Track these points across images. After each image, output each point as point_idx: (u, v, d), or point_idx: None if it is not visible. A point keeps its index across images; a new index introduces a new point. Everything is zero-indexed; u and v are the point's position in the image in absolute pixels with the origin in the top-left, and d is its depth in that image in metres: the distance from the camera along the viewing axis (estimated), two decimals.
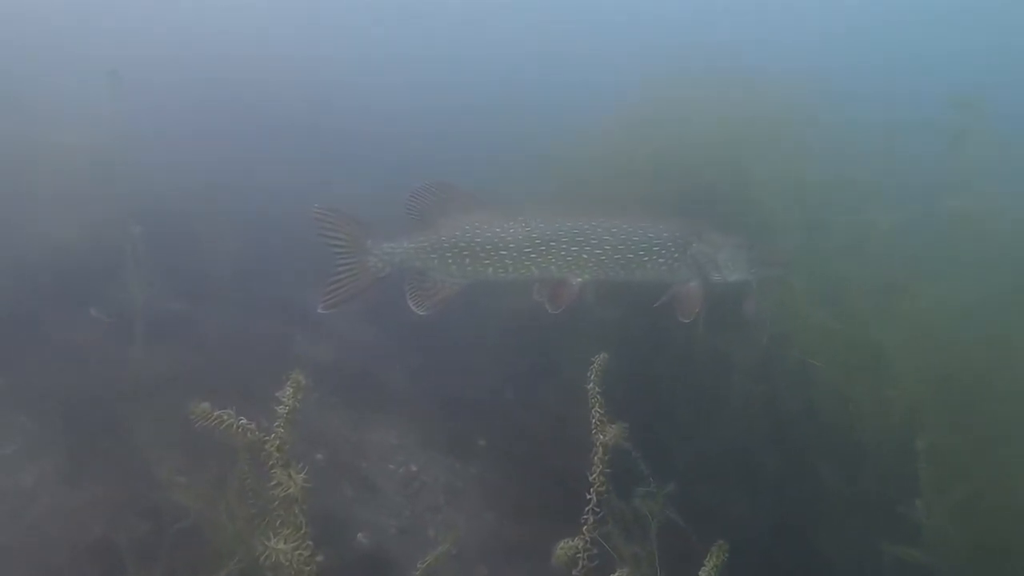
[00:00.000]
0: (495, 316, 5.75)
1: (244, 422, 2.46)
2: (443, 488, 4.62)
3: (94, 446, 4.18)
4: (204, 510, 3.20)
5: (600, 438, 2.44)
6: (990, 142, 4.59)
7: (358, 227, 3.95)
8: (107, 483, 3.92)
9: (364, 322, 6.40)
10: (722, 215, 4.64)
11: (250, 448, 2.60)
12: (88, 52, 10.11)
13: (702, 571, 2.32)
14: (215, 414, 2.43)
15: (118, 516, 3.68)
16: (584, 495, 2.35)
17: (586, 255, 3.97)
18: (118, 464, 4.03)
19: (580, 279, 4.03)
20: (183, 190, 7.69)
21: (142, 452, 4.02)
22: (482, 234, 3.96)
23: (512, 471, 4.79)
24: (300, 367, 2.49)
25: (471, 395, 5.59)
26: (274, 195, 8.17)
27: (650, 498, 3.55)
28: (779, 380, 4.48)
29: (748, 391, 4.57)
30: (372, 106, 12.49)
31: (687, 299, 4.05)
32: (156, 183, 7.46)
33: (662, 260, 4.02)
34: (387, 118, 11.68)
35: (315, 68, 14.16)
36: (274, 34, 16.20)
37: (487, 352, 5.95)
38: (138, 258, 5.21)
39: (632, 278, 4.08)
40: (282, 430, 2.44)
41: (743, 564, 2.55)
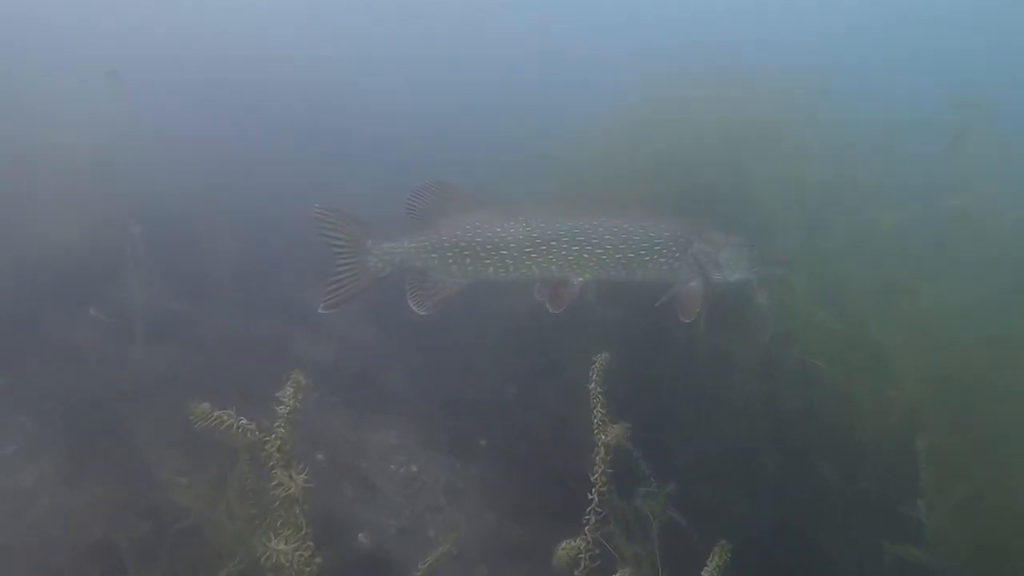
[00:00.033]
0: (496, 316, 5.74)
1: (244, 422, 2.45)
2: (444, 488, 4.62)
3: (94, 446, 4.17)
4: (204, 510, 3.20)
5: (602, 438, 2.43)
6: (990, 142, 4.59)
7: (358, 227, 3.94)
8: (107, 483, 3.91)
9: (364, 322, 6.39)
10: (723, 215, 4.64)
11: (250, 448, 2.59)
12: (88, 52, 10.10)
13: (705, 571, 2.31)
14: (215, 414, 2.42)
15: (118, 516, 3.68)
16: (585, 495, 2.34)
17: (587, 254, 3.95)
18: (118, 464, 4.02)
19: (581, 279, 4.02)
20: (183, 190, 7.68)
21: (142, 452, 4.02)
22: (483, 234, 3.95)
23: (513, 471, 4.78)
24: (300, 367, 2.48)
25: (472, 395, 5.58)
26: (274, 195, 8.16)
27: (651, 498, 3.54)
28: (780, 380, 4.47)
29: (749, 391, 4.56)
30: (372, 106, 12.48)
31: (688, 299, 4.03)
32: (156, 183, 7.45)
33: (663, 259, 4.01)
34: (387, 118, 11.67)
35: (315, 68, 14.15)
36: (274, 34, 16.19)
37: (488, 352, 5.94)
38: (138, 258, 5.20)
39: (633, 278, 4.06)
40: (283, 430, 2.43)
41: (744, 564, 2.54)
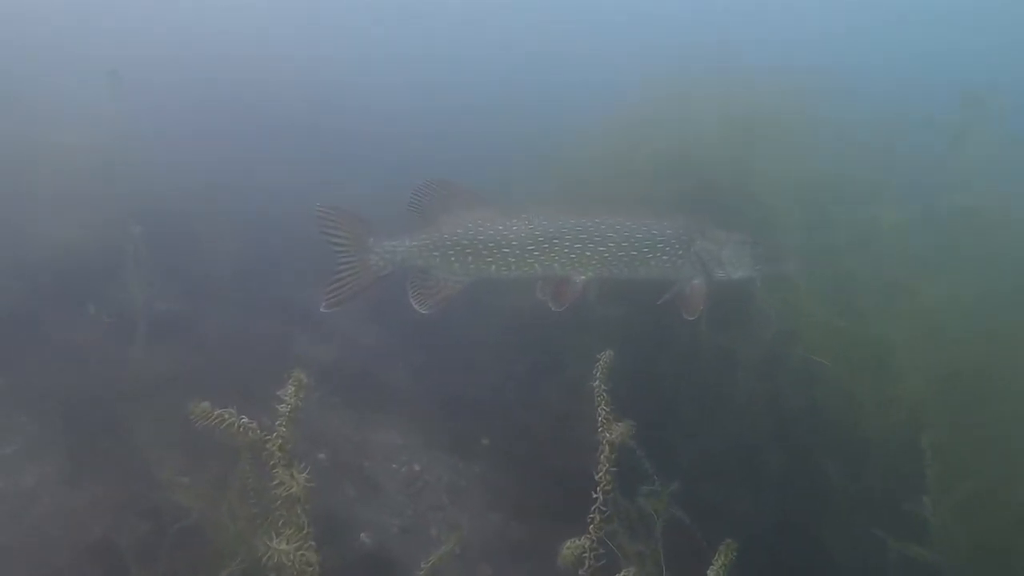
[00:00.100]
0: (498, 314, 5.72)
1: (245, 421, 2.43)
2: (446, 487, 4.60)
3: (95, 446, 4.16)
4: (205, 510, 3.18)
5: (607, 436, 2.41)
6: (996, 139, 4.57)
7: (360, 225, 3.91)
8: (108, 483, 3.90)
9: (366, 321, 6.38)
10: (725, 213, 4.62)
11: (251, 448, 2.57)
12: (88, 52, 10.09)
13: (710, 570, 2.29)
14: (216, 413, 2.40)
15: (119, 516, 3.67)
16: (588, 494, 2.32)
17: (590, 252, 3.93)
18: (119, 464, 4.01)
19: (584, 277, 3.99)
20: (183, 190, 7.67)
21: (143, 452, 4.01)
22: (485, 232, 3.92)
23: (515, 470, 4.76)
24: (301, 367, 2.46)
25: (474, 394, 5.56)
26: (274, 195, 8.15)
27: (655, 496, 3.52)
28: (783, 377, 4.45)
29: (752, 388, 4.54)
30: (372, 106, 12.46)
31: (691, 296, 4.01)
32: (156, 183, 7.44)
33: (666, 257, 3.98)
34: (387, 118, 11.66)
35: (315, 68, 14.13)
36: (274, 34, 16.18)
37: (490, 351, 5.92)
38: (138, 258, 5.19)
39: (636, 275, 4.04)
40: (284, 429, 2.41)
41: (748, 562, 2.52)
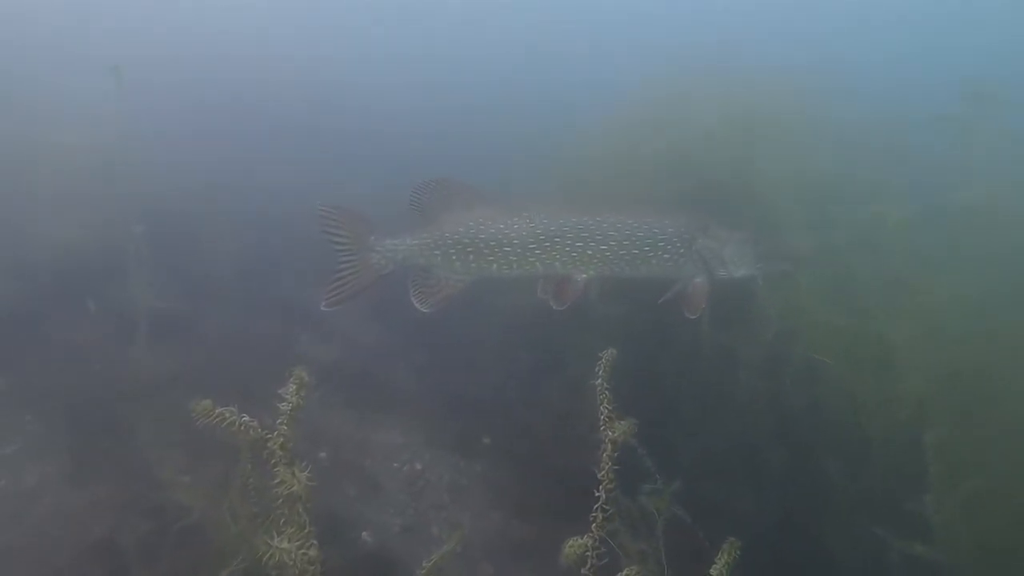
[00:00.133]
0: (499, 313, 5.71)
1: (246, 419, 2.43)
2: (447, 486, 4.59)
3: (96, 446, 4.16)
4: (207, 509, 3.17)
5: (609, 434, 2.40)
6: (1000, 136, 4.55)
7: (361, 224, 3.91)
8: (109, 483, 3.89)
9: (367, 320, 6.37)
10: (727, 212, 4.60)
11: (253, 446, 2.57)
12: (88, 52, 10.07)
13: (713, 568, 2.28)
14: (217, 411, 2.39)
15: (121, 516, 3.66)
16: (589, 493, 2.31)
17: (591, 251, 3.92)
18: (120, 464, 4.01)
19: (585, 275, 3.99)
20: (183, 190, 7.66)
21: (144, 452, 4.00)
22: (486, 230, 3.92)
23: (516, 469, 4.75)
24: (303, 366, 2.46)
25: (475, 393, 5.56)
26: (274, 195, 8.14)
27: (656, 495, 3.52)
28: (785, 376, 4.44)
29: (754, 387, 4.53)
30: (372, 106, 12.45)
31: (693, 295, 4.01)
32: (156, 183, 7.42)
33: (667, 256, 3.98)
34: (387, 118, 11.64)
35: (315, 68, 14.11)
36: (274, 34, 16.17)
37: (491, 349, 5.92)
38: (140, 258, 5.18)
39: (637, 274, 4.03)
40: (285, 427, 2.41)
41: (750, 561, 2.51)
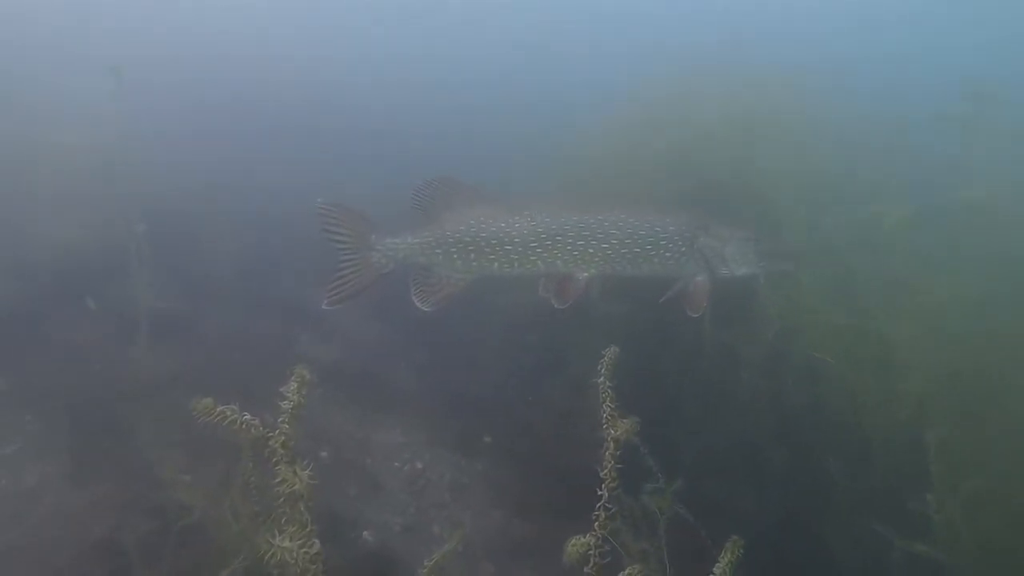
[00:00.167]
0: (500, 312, 5.70)
1: (247, 418, 2.43)
2: (448, 485, 4.58)
3: (97, 445, 4.15)
4: (208, 508, 3.17)
5: (611, 433, 2.39)
6: (1000, 135, 4.54)
7: (362, 222, 3.90)
8: (110, 482, 3.89)
9: (368, 319, 6.36)
10: (729, 211, 4.60)
11: (254, 445, 2.56)
12: (88, 52, 10.06)
13: (717, 567, 2.27)
14: (218, 409, 2.39)
15: (121, 515, 3.65)
16: (590, 491, 2.30)
17: (592, 249, 3.92)
18: (121, 463, 4.00)
19: (587, 274, 3.98)
20: (183, 190, 7.65)
21: (145, 451, 3.99)
22: (487, 229, 3.91)
23: (517, 468, 4.75)
24: (304, 364, 2.46)
25: (476, 392, 5.55)
26: (274, 195, 8.13)
27: (658, 494, 3.51)
28: (786, 375, 4.44)
29: (755, 386, 4.53)
30: (372, 106, 12.44)
31: (695, 293, 4.00)
32: (156, 183, 7.41)
33: (669, 254, 3.97)
34: (387, 118, 11.64)
35: (315, 68, 14.10)
36: (274, 34, 16.16)
37: (492, 348, 5.91)
38: (139, 257, 5.17)
39: (639, 272, 4.03)
40: (287, 425, 2.40)
41: (752, 559, 2.50)
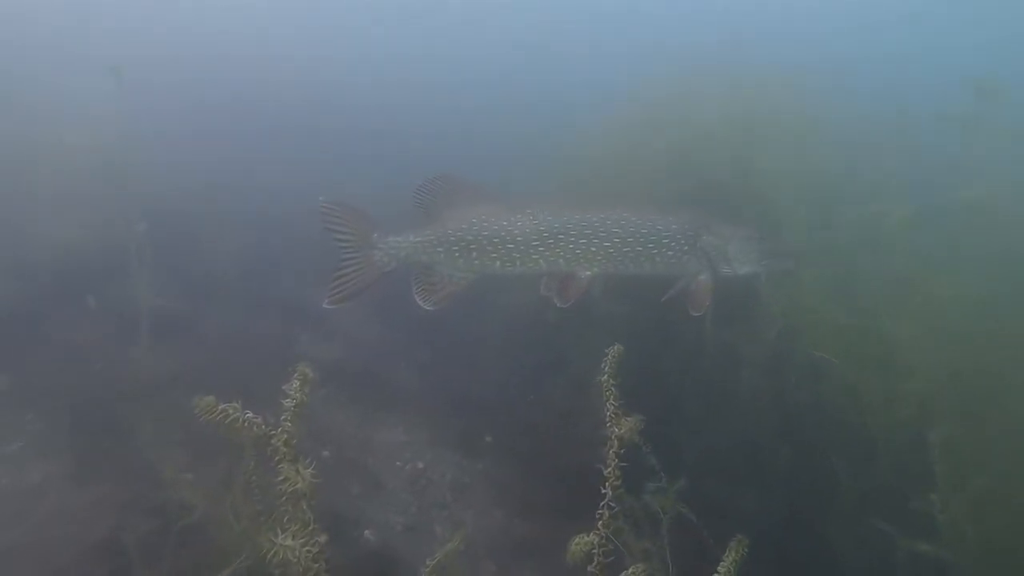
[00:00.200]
0: (502, 311, 5.70)
1: (250, 416, 2.42)
2: (450, 485, 4.57)
3: (98, 445, 4.14)
4: (209, 507, 3.16)
5: (615, 431, 2.38)
6: (1002, 134, 4.54)
7: (364, 221, 3.90)
8: (111, 482, 3.88)
9: (370, 318, 6.35)
10: (731, 210, 4.59)
11: (256, 443, 2.55)
12: (88, 52, 10.06)
13: (721, 566, 2.26)
14: (220, 408, 2.38)
15: (123, 514, 3.64)
16: (592, 491, 2.30)
17: (595, 248, 3.92)
18: (122, 463, 3.99)
19: (589, 272, 3.98)
20: (183, 190, 7.65)
21: (146, 451, 3.98)
22: (489, 227, 3.91)
23: (519, 467, 4.74)
24: (306, 363, 2.45)
25: (478, 391, 5.54)
26: (274, 195, 8.13)
27: (661, 493, 3.50)
28: (789, 374, 4.43)
29: (758, 385, 4.52)
30: (372, 106, 12.44)
31: (697, 292, 4.00)
32: (156, 183, 7.40)
33: (671, 253, 3.97)
34: (387, 118, 11.64)
35: (315, 68, 14.10)
36: (274, 34, 16.16)
37: (494, 347, 5.90)
38: (140, 258, 5.17)
39: (641, 271, 4.03)
40: (289, 423, 2.39)
41: (755, 559, 2.50)
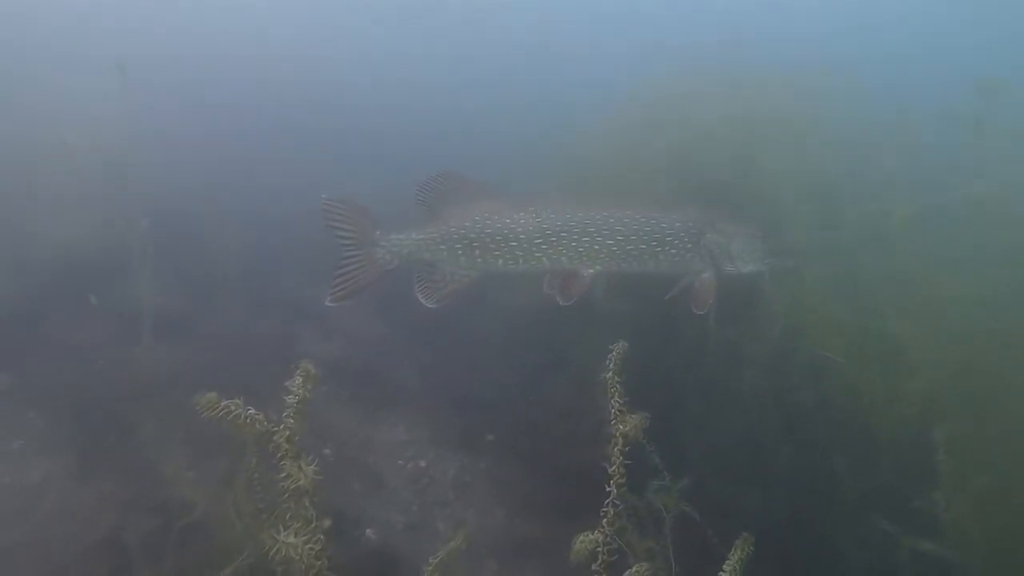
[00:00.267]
0: (504, 309, 5.68)
1: (252, 412, 2.41)
2: (452, 483, 4.56)
3: (100, 443, 4.15)
4: (211, 505, 3.15)
5: (620, 428, 2.37)
6: (1006, 133, 4.53)
7: (366, 218, 3.89)
8: (113, 479, 3.87)
9: (372, 316, 6.34)
10: (734, 208, 4.58)
11: (258, 440, 2.55)
12: (88, 51, 10.05)
13: (727, 564, 2.26)
14: (222, 404, 2.38)
15: (125, 512, 3.63)
16: (594, 489, 2.29)
17: (598, 246, 3.91)
18: (124, 461, 3.99)
19: (592, 270, 3.97)
20: (184, 190, 7.64)
21: (147, 449, 3.97)
22: (492, 225, 3.90)
23: (521, 466, 4.73)
24: (309, 361, 2.45)
25: (480, 389, 5.53)
26: (274, 195, 8.13)
27: (664, 492, 3.49)
28: (792, 372, 4.41)
29: (761, 384, 4.50)
30: (372, 106, 12.44)
31: (701, 290, 3.99)
32: (157, 183, 7.40)
33: (675, 251, 3.96)
34: (387, 118, 11.63)
35: (315, 68, 14.10)
36: (274, 34, 16.15)
37: (496, 346, 5.89)
38: (141, 257, 5.17)
39: (644, 269, 4.02)
40: (292, 420, 2.38)
41: (757, 558, 2.49)
